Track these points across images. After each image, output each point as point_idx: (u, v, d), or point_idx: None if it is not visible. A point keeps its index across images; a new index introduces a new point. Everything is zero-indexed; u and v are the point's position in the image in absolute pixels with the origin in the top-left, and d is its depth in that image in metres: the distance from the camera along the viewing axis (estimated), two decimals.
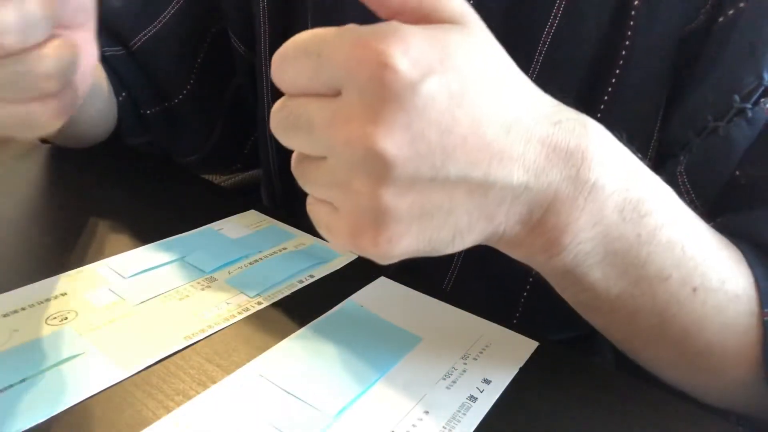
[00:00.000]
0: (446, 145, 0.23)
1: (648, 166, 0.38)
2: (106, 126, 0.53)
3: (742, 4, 0.35)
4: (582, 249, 0.28)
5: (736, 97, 0.34)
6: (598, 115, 0.40)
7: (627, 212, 0.28)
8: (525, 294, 0.46)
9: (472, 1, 0.26)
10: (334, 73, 0.23)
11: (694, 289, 0.30)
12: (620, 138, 0.29)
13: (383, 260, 0.25)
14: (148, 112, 0.55)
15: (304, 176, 0.26)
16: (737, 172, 0.36)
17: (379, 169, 0.23)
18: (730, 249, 0.33)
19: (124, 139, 0.55)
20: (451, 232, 0.26)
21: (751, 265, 0.32)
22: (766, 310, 0.31)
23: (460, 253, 0.46)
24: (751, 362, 0.31)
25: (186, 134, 0.58)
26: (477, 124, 0.24)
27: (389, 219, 0.24)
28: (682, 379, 0.34)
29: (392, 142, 0.22)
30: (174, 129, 0.57)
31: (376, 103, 0.22)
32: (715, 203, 0.36)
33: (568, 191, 0.26)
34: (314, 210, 0.27)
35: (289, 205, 0.58)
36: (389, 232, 0.24)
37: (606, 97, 0.40)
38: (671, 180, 0.38)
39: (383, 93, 0.22)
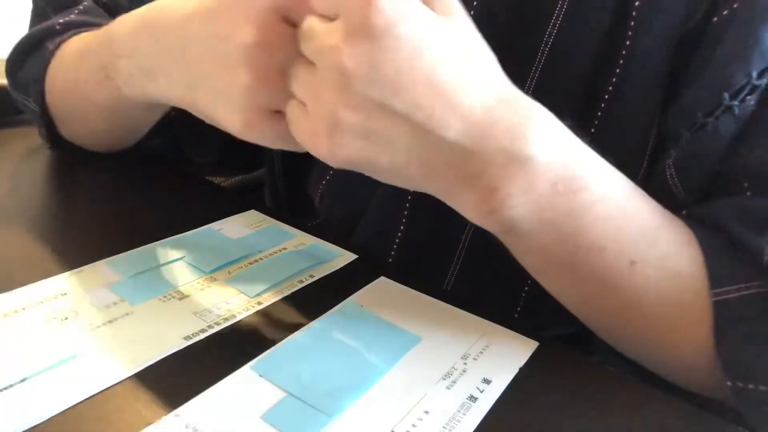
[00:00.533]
0: (398, 83, 0.28)
1: (646, 160, 0.38)
2: (146, 128, 0.53)
3: (735, 5, 0.35)
4: (514, 214, 0.31)
5: (726, 95, 0.35)
6: (599, 113, 0.40)
7: (561, 186, 0.31)
8: (526, 289, 0.46)
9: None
10: (338, 3, 0.28)
11: (632, 263, 0.32)
12: (575, 130, 0.32)
13: (330, 162, 0.30)
14: (173, 113, 0.55)
15: (297, 77, 0.31)
16: (718, 164, 0.37)
17: (339, 79, 0.28)
18: (679, 229, 0.34)
19: (142, 140, 0.55)
20: (389, 162, 0.30)
21: (703, 247, 0.33)
22: (714, 291, 0.32)
23: (461, 251, 0.46)
24: (698, 341, 0.33)
25: (203, 134, 0.58)
26: (430, 77, 0.28)
27: (340, 128, 0.29)
28: (638, 352, 0.36)
29: (353, 60, 0.27)
30: (194, 128, 0.57)
31: (354, 31, 0.27)
32: (699, 194, 0.37)
33: (501, 160, 0.30)
34: (292, 109, 0.31)
35: (292, 205, 0.58)
36: (338, 139, 0.29)
37: (607, 96, 0.40)
38: (660, 173, 0.38)
39: (363, 25, 0.27)
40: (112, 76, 0.41)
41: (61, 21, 0.49)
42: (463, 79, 0.29)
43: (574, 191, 0.31)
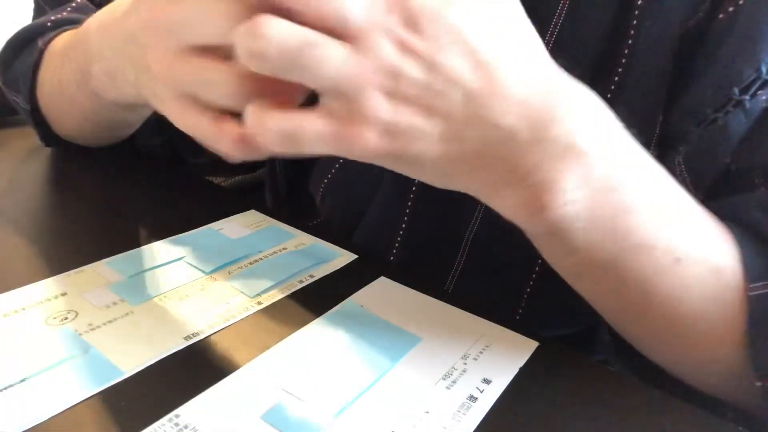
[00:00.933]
0: (456, 71, 0.25)
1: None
2: (136, 126, 0.53)
3: (741, 1, 0.35)
4: (566, 211, 0.29)
5: (736, 90, 0.35)
6: None
7: (615, 181, 0.29)
8: (528, 290, 0.46)
9: None
10: None
11: (677, 260, 0.31)
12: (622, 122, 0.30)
13: (370, 161, 0.27)
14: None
15: (318, 63, 0.24)
16: (728, 160, 0.37)
17: (391, 67, 0.24)
18: (718, 226, 0.34)
19: (139, 139, 0.55)
20: (437, 155, 0.27)
21: (739, 241, 0.33)
22: (750, 285, 0.31)
23: (463, 251, 0.46)
24: (734, 339, 0.32)
25: None
26: (488, 63, 0.26)
27: (392, 123, 0.25)
28: (670, 357, 0.35)
29: (410, 48, 0.24)
30: None
31: (405, 14, 0.24)
32: (709, 190, 0.37)
33: (557, 151, 0.28)
34: (316, 122, 0.26)
35: (293, 204, 0.58)
36: (388, 136, 0.26)
37: (609, 95, 0.40)
38: (669, 169, 0.38)
39: (411, 11, 0.24)
40: (88, 79, 0.41)
41: (52, 18, 0.49)
42: (519, 64, 0.27)
43: (627, 186, 0.30)
